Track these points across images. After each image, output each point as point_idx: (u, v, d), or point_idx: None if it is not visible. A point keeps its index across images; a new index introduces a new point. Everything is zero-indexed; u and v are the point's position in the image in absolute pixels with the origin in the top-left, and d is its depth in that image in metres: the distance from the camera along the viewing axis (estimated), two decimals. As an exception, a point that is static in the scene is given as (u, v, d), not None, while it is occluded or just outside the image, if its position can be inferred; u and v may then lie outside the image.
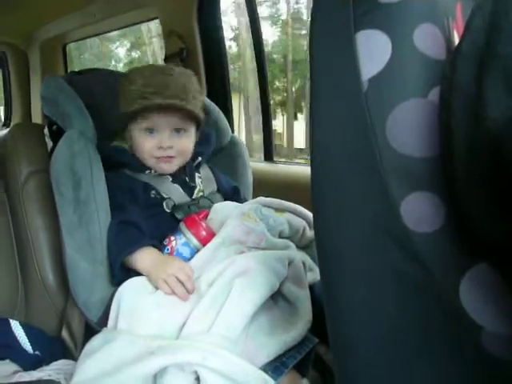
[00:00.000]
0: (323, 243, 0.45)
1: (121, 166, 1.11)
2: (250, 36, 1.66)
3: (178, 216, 1.07)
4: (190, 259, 0.99)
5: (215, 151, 1.32)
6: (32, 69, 2.23)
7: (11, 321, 1.05)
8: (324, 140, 0.42)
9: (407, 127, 0.36)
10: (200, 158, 1.19)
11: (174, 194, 1.10)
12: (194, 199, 1.12)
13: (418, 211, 0.36)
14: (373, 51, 0.37)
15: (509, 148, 0.30)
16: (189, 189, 1.13)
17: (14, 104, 2.30)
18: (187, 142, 1.11)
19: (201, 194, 1.15)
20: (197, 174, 1.17)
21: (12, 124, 2.24)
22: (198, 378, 0.79)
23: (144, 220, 1.03)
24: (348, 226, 0.40)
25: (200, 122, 1.14)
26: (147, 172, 1.10)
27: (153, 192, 1.08)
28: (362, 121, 0.37)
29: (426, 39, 0.37)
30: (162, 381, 0.79)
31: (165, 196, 1.08)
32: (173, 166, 1.11)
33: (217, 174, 1.23)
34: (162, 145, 1.07)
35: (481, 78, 0.31)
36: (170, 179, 1.12)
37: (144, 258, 0.96)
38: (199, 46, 1.65)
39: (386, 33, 0.36)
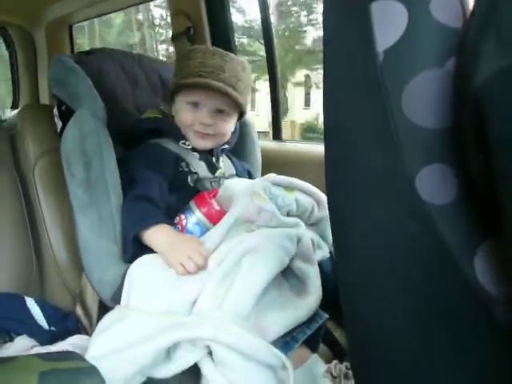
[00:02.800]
0: (337, 217, 0.45)
1: (155, 136, 1.13)
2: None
3: (200, 188, 1.09)
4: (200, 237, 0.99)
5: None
6: (38, 50, 2.22)
7: (26, 297, 1.07)
8: (337, 113, 0.42)
9: (423, 98, 0.36)
10: (227, 146, 1.22)
11: (200, 168, 1.13)
12: (215, 177, 1.14)
13: (433, 183, 0.36)
14: (388, 21, 0.36)
15: (489, 104, 0.31)
16: (213, 169, 1.15)
17: (22, 85, 2.30)
18: (227, 125, 1.16)
19: (222, 175, 1.17)
20: (221, 158, 1.20)
21: (20, 105, 2.24)
22: (210, 353, 0.80)
23: (165, 192, 1.05)
24: (362, 199, 0.41)
25: (243, 112, 1.19)
26: (181, 142, 1.14)
27: (182, 164, 1.11)
28: (377, 92, 0.37)
29: (444, 8, 0.36)
30: (175, 355, 0.81)
31: (192, 170, 1.11)
32: (208, 144, 1.15)
33: (234, 160, 1.26)
34: (204, 121, 1.11)
35: (481, 34, 0.31)
36: (198, 156, 1.14)
37: (159, 236, 0.96)
38: (206, 24, 1.64)
39: (402, 2, 0.36)
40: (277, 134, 1.73)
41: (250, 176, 1.27)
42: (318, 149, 1.48)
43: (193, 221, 1.01)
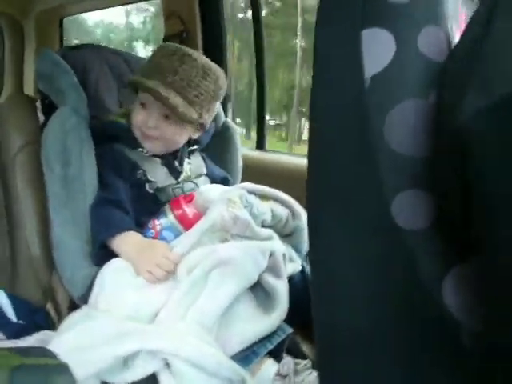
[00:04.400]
0: (313, 233, 0.46)
1: (113, 141, 1.11)
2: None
3: (162, 199, 1.07)
4: (174, 242, 0.99)
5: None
6: (27, 40, 2.20)
7: (-5, 289, 1.06)
8: (322, 132, 0.43)
9: (405, 126, 0.37)
10: (196, 147, 1.20)
11: (160, 176, 1.10)
12: (178, 182, 1.12)
13: (409, 208, 0.37)
14: (377, 49, 0.37)
15: (471, 141, 0.32)
16: (175, 172, 1.13)
17: (6, 74, 2.27)
18: (174, 132, 1.09)
19: (187, 178, 1.15)
20: (187, 160, 1.18)
21: (3, 94, 2.21)
22: (168, 364, 0.80)
23: (128, 199, 1.04)
24: (338, 217, 0.41)
25: (193, 122, 1.08)
26: (139, 150, 1.10)
27: (139, 172, 1.08)
28: (361, 117, 0.38)
29: (430, 42, 0.37)
30: (132, 364, 0.80)
31: (150, 178, 1.08)
32: (154, 147, 1.10)
33: (207, 162, 1.24)
34: (148, 123, 1.06)
35: (466, 70, 0.33)
36: (160, 162, 1.12)
37: (126, 243, 0.96)
38: (199, 29, 1.64)
39: (391, 32, 0.37)
40: (261, 144, 1.73)
41: (226, 183, 1.23)
42: (299, 161, 1.50)
43: (166, 225, 1.00)
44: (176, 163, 1.14)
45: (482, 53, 0.33)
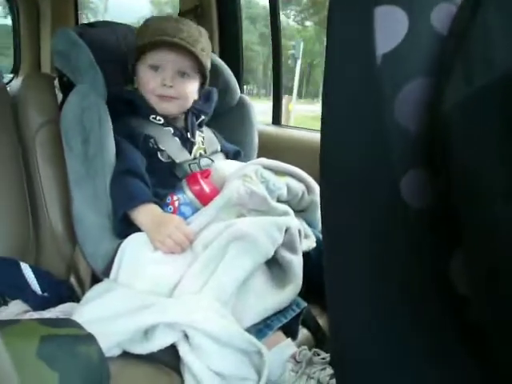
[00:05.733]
0: (325, 209, 0.46)
1: (125, 114, 1.13)
2: None
3: (179, 174, 1.09)
4: (192, 217, 1.01)
5: (224, 112, 1.33)
6: (42, 17, 2.20)
7: (21, 263, 1.08)
8: (335, 110, 0.43)
9: (415, 104, 0.37)
10: (203, 117, 1.21)
11: (173, 147, 1.12)
12: (195, 158, 1.14)
13: (416, 187, 0.37)
14: (390, 27, 0.37)
15: (453, 130, 0.33)
16: (188, 143, 1.15)
17: (23, 52, 2.27)
18: (189, 86, 1.15)
19: (200, 152, 1.17)
20: (198, 132, 1.19)
21: (20, 72, 2.22)
22: (186, 335, 0.83)
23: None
24: (349, 195, 0.42)
25: (204, 74, 1.18)
26: (151, 117, 1.13)
27: (151, 141, 1.11)
28: (372, 94, 0.38)
29: (444, 18, 0.37)
30: (152, 335, 0.83)
31: (161, 147, 1.11)
32: (173, 107, 1.15)
33: (219, 137, 1.25)
34: (165, 82, 1.11)
35: (452, 57, 0.33)
36: (172, 132, 1.14)
37: (144, 215, 0.98)
38: (214, 4, 1.63)
39: (404, 10, 0.37)
40: (276, 119, 1.73)
41: (239, 156, 1.26)
42: (314, 136, 1.50)
43: (184, 200, 1.02)
44: (188, 134, 1.16)
45: (467, 36, 0.32)
